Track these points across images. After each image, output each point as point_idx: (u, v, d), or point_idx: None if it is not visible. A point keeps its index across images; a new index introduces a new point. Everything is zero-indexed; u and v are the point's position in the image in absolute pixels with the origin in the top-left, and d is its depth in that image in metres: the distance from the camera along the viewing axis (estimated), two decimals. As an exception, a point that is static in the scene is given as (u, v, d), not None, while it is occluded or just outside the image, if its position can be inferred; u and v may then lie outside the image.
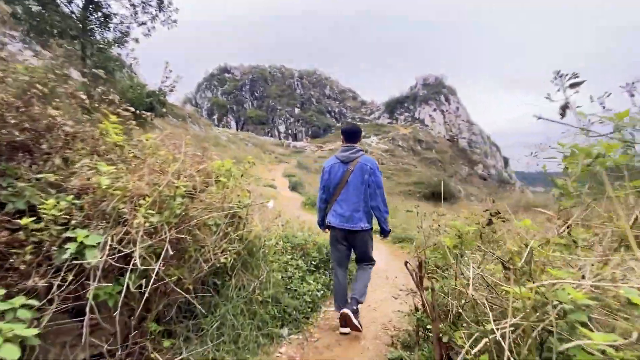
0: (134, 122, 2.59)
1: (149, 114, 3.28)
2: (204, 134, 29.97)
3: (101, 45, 8.57)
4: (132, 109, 2.59)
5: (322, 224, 2.84)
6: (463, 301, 1.62)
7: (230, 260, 2.10)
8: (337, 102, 78.88)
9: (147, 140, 2.04)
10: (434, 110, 61.72)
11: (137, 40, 8.89)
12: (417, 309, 2.02)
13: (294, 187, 19.25)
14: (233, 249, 2.16)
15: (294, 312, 2.58)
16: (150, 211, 1.68)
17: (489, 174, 54.98)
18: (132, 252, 1.58)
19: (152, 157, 1.95)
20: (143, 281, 1.63)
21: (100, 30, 8.77)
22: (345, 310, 2.45)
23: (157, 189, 1.78)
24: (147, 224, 1.66)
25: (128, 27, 8.89)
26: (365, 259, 2.73)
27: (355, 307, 2.51)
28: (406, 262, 1.73)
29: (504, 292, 1.30)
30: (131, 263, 1.56)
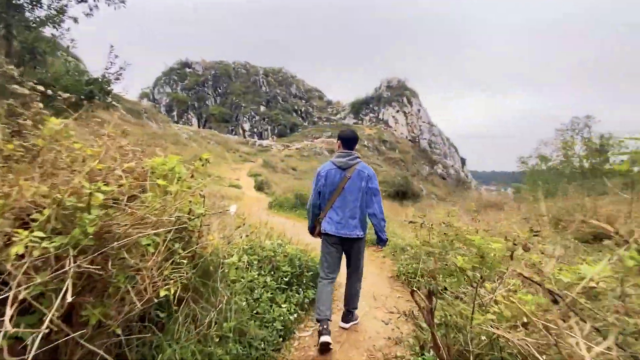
0: (45, 111, 1.93)
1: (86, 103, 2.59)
2: (162, 131, 28.00)
3: (31, 24, 7.33)
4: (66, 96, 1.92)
5: (314, 229, 2.78)
6: (486, 339, 1.24)
7: (176, 289, 1.57)
8: (304, 101, 78.43)
9: (50, 126, 1.41)
10: (397, 111, 63.58)
11: (75, 20, 7.74)
12: (422, 348, 1.62)
13: (259, 187, 18.50)
14: (180, 275, 1.62)
15: (262, 345, 2.09)
16: (40, 233, 1.10)
17: (448, 174, 57.80)
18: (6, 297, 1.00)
19: (51, 151, 1.34)
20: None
21: (30, 6, 7.51)
22: (326, 338, 2.27)
23: (58, 197, 1.20)
24: (35, 253, 1.08)
25: (66, 5, 7.71)
26: (358, 269, 2.72)
27: (349, 317, 2.75)
28: (412, 291, 1.32)
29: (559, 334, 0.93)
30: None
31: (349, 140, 2.69)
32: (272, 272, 2.91)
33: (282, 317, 2.38)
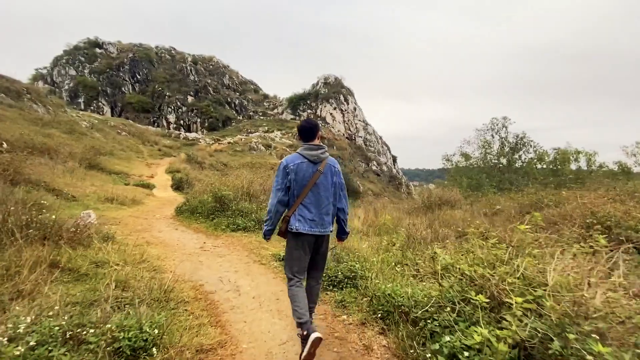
0: None
1: None
2: (52, 118, 22.48)
3: None
4: None
5: (271, 232, 2.56)
6: None
7: None
8: (238, 94, 73.90)
9: None
10: (334, 109, 63.84)
11: None
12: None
13: (178, 186, 15.61)
14: None
15: None
16: None
17: (381, 171, 60.10)
18: None
19: None
20: None
21: None
22: (318, 334, 2.12)
23: None
24: None
25: None
26: (323, 268, 2.68)
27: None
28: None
29: None
30: None
31: (309, 131, 2.47)
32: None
33: None
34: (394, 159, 71.78)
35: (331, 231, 2.47)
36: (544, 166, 25.36)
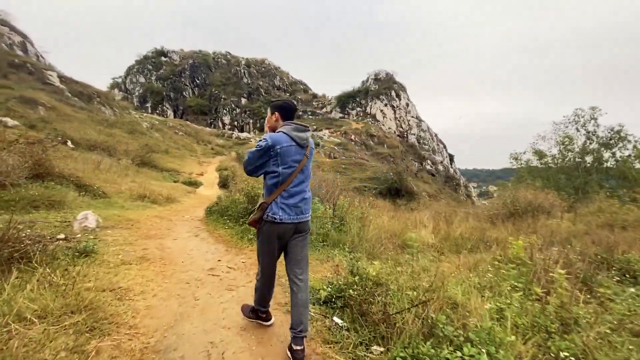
0: None
1: None
2: (117, 119, 24.08)
3: None
4: None
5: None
6: None
7: None
8: (288, 94, 74.82)
9: None
10: (385, 105, 61.05)
11: None
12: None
13: (224, 184, 15.21)
14: None
15: None
16: None
17: (436, 170, 55.89)
18: None
19: None
20: None
21: None
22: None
23: None
24: None
25: None
26: (306, 262, 2.23)
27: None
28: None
29: None
30: None
31: (291, 111, 2.28)
32: None
33: None
34: (451, 158, 66.46)
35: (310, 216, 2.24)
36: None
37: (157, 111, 63.39)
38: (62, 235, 3.19)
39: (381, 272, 2.28)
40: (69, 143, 14.88)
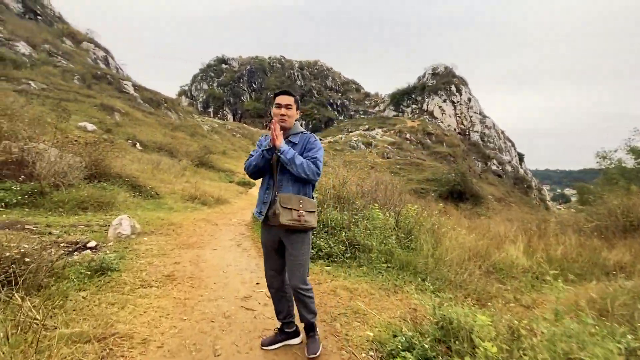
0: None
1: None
2: (181, 122, 25.79)
3: None
4: None
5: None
6: None
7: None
8: (340, 94, 74.32)
9: None
10: (444, 101, 56.98)
11: None
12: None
13: (275, 185, 15.02)
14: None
15: None
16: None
17: (504, 171, 50.49)
18: None
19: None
20: None
21: None
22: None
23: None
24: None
25: None
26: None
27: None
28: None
29: None
30: None
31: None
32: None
33: None
34: (520, 157, 59.54)
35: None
36: None
37: (218, 115, 67.54)
38: (93, 243, 2.88)
39: (501, 337, 1.39)
40: (138, 145, 16.05)
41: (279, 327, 2.01)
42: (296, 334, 2.00)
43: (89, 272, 2.25)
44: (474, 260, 3.39)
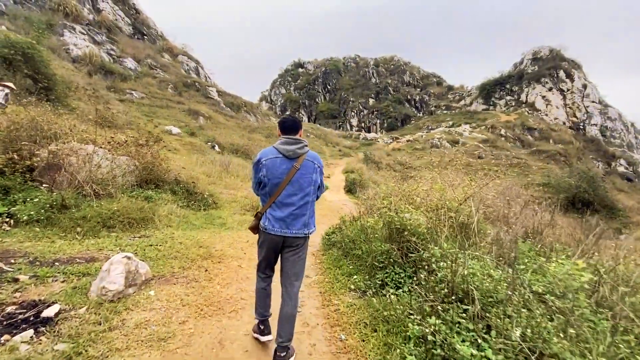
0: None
1: None
2: (258, 125, 26.48)
3: None
4: None
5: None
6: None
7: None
8: (418, 90, 69.32)
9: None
10: (549, 90, 47.95)
11: None
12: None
13: (350, 189, 13.57)
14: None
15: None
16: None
17: (635, 173, 39.90)
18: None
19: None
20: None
21: None
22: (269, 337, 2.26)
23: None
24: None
25: None
26: (295, 276, 2.23)
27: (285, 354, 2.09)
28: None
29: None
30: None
31: (293, 126, 2.27)
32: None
33: None
34: (661, 156, 46.40)
35: (306, 233, 2.17)
36: None
37: (294, 118, 69.74)
38: (55, 308, 1.76)
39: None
40: (217, 147, 16.42)
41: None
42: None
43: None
44: None
